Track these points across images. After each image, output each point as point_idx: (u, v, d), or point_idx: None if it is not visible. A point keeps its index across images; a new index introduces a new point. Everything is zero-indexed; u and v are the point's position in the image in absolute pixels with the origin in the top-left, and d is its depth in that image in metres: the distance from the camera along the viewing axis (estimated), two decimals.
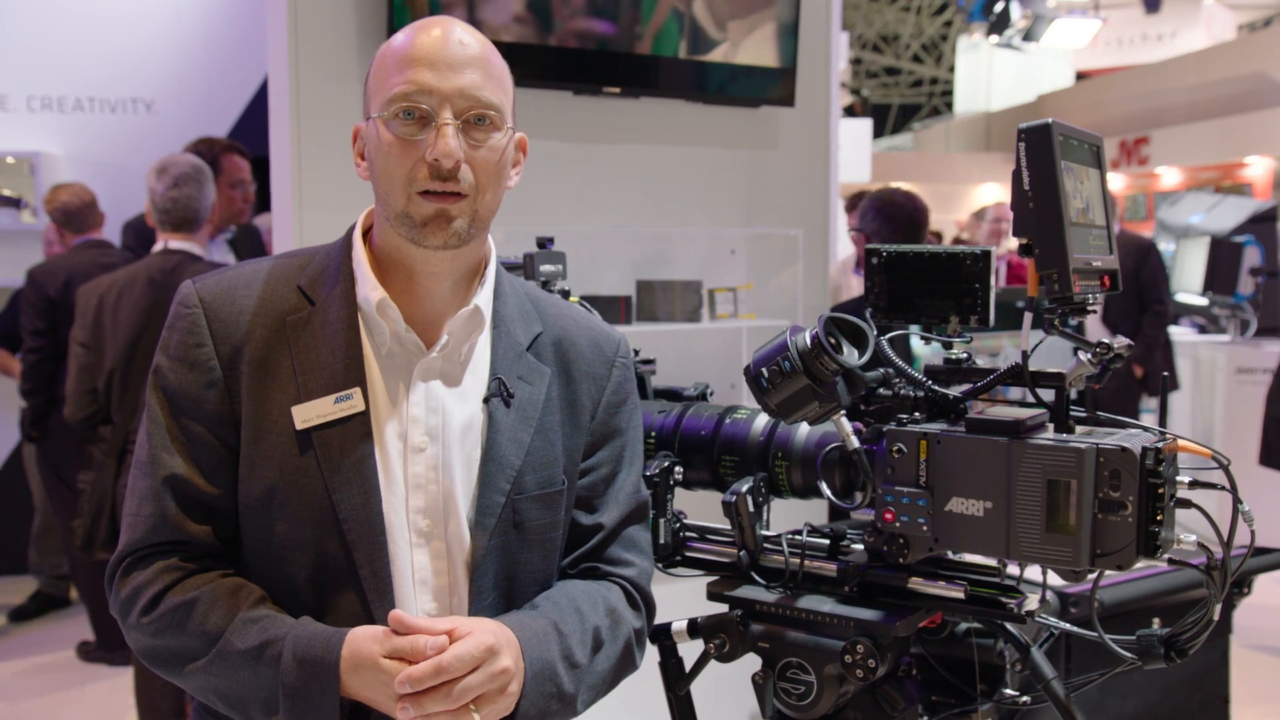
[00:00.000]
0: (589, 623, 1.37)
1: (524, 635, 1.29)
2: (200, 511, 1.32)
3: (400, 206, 1.29)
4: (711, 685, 1.81)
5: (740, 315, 3.27)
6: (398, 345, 1.35)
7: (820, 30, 3.49)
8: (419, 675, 1.18)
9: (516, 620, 1.31)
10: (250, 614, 1.27)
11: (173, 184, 3.32)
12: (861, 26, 21.24)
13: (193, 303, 1.34)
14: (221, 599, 1.28)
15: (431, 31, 1.30)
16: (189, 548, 1.32)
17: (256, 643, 1.25)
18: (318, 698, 1.22)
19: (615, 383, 1.48)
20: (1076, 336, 1.32)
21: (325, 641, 1.24)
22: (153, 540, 1.31)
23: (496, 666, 1.22)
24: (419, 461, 1.33)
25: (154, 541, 1.31)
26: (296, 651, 1.23)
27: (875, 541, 1.44)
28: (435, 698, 1.19)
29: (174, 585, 1.29)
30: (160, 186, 3.33)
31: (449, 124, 1.27)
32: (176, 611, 1.28)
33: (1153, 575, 2.42)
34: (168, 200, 3.33)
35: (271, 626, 1.26)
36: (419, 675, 1.18)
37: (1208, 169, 12.51)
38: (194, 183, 3.36)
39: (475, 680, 1.21)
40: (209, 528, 1.33)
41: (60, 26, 5.78)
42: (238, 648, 1.25)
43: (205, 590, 1.29)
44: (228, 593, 1.29)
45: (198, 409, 1.32)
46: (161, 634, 1.29)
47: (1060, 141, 1.28)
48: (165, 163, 3.38)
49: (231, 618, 1.27)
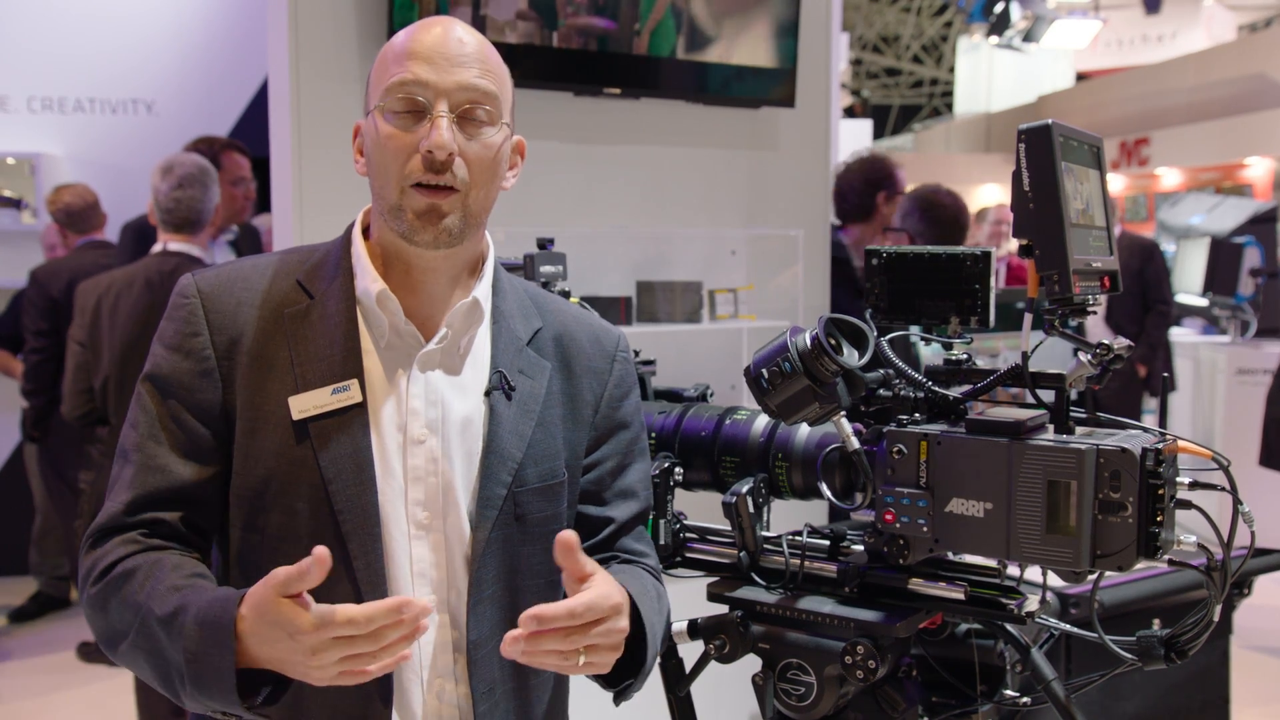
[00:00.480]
0: (650, 592, 1.39)
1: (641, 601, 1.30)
2: (177, 499, 1.30)
3: (393, 199, 1.30)
4: (712, 686, 1.81)
5: (740, 316, 3.27)
6: (396, 337, 1.35)
7: (820, 31, 3.49)
8: (550, 614, 1.13)
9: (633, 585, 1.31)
10: (175, 581, 1.22)
11: (178, 184, 3.31)
12: (862, 27, 21.23)
13: (191, 293, 1.34)
14: (161, 569, 1.23)
15: (432, 29, 1.32)
16: (156, 527, 1.29)
17: (171, 609, 1.19)
18: (214, 660, 1.14)
19: (617, 377, 1.48)
20: (1077, 337, 1.32)
21: (225, 600, 1.16)
22: (124, 520, 1.29)
23: (619, 624, 1.21)
24: (418, 454, 1.33)
25: (125, 522, 1.29)
26: (198, 615, 1.17)
27: (875, 542, 1.44)
28: (555, 637, 1.15)
29: (126, 557, 1.26)
30: (165, 186, 3.32)
31: (443, 116, 1.28)
32: (118, 580, 1.24)
33: (1153, 576, 2.42)
34: (171, 200, 3.32)
35: (190, 594, 1.19)
36: (550, 614, 1.13)
37: (1208, 170, 12.51)
38: (199, 184, 3.35)
39: (597, 631, 1.18)
40: (181, 514, 1.30)
41: (61, 27, 5.78)
42: (156, 614, 1.19)
43: (147, 559, 1.25)
44: (171, 565, 1.24)
45: (189, 397, 1.31)
46: (103, 605, 1.25)
47: (1060, 142, 1.28)
48: (171, 162, 3.37)
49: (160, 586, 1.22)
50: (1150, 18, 14.22)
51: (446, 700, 1.35)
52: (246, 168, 4.14)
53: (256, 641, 1.14)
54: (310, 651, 1.11)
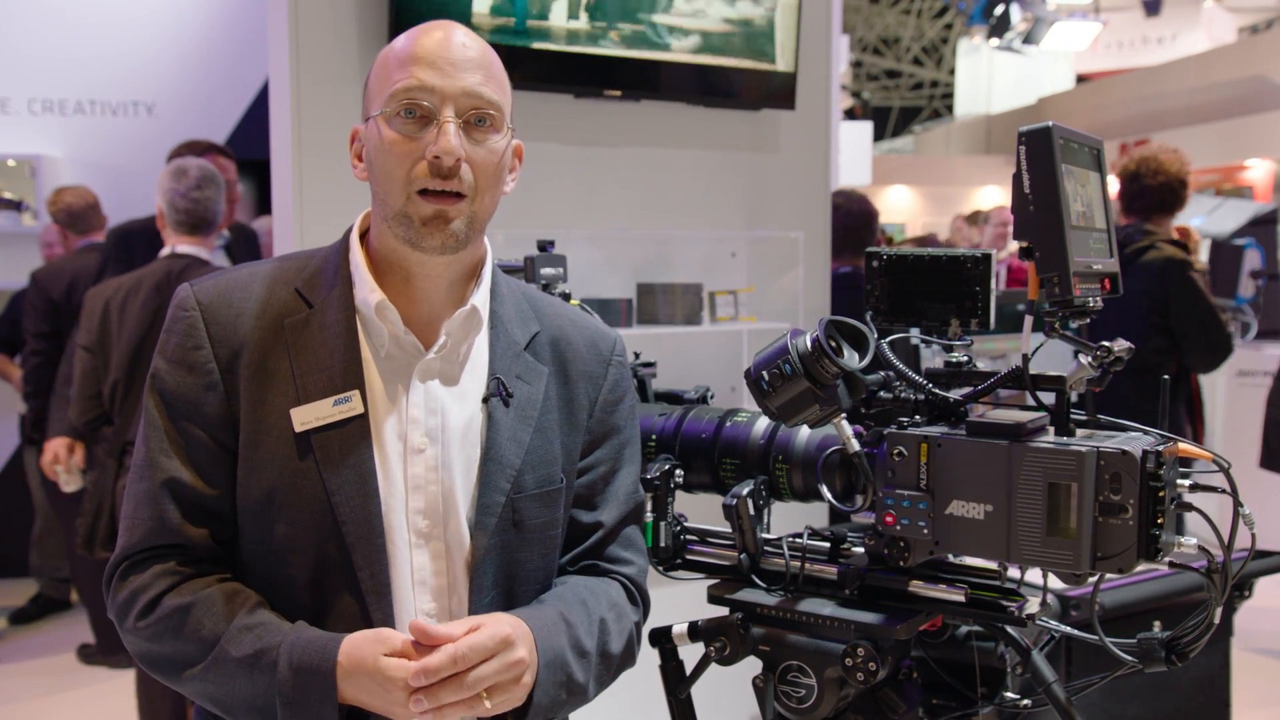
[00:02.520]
0: (594, 614, 1.38)
1: (536, 626, 1.29)
2: (198, 514, 1.32)
3: (399, 206, 1.30)
4: (712, 688, 1.81)
5: (741, 318, 3.27)
6: (396, 347, 1.35)
7: (821, 33, 3.49)
8: (435, 665, 1.18)
9: (527, 613, 1.32)
10: (246, 620, 1.27)
11: (195, 185, 3.31)
12: (862, 29, 21.24)
13: (190, 306, 1.34)
14: (218, 604, 1.28)
15: (434, 34, 1.32)
16: (186, 551, 1.32)
17: (251, 650, 1.24)
18: (315, 706, 1.21)
19: (612, 381, 1.48)
20: (1077, 339, 1.32)
21: (321, 649, 1.23)
22: (150, 543, 1.31)
23: (512, 657, 1.23)
24: (418, 462, 1.33)
25: (151, 545, 1.31)
26: (292, 660, 1.23)
27: (876, 544, 1.44)
28: (450, 687, 1.19)
29: (170, 589, 1.29)
30: (181, 187, 3.31)
31: (450, 122, 1.28)
32: (173, 616, 1.27)
33: (1153, 578, 2.41)
34: (189, 201, 3.31)
35: (266, 634, 1.26)
36: (435, 665, 1.18)
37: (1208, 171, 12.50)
38: (213, 186, 3.36)
39: (489, 669, 1.21)
40: (206, 530, 1.32)
41: (61, 30, 5.79)
42: (233, 655, 1.25)
43: (202, 595, 1.28)
44: (224, 598, 1.29)
45: (196, 411, 1.32)
46: (158, 639, 1.28)
47: (1060, 145, 1.28)
48: (184, 165, 3.36)
49: (228, 623, 1.26)
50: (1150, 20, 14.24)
51: None
52: (232, 170, 4.16)
53: (351, 687, 1.22)
54: (400, 705, 1.20)
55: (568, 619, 1.34)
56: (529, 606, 1.36)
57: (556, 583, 1.43)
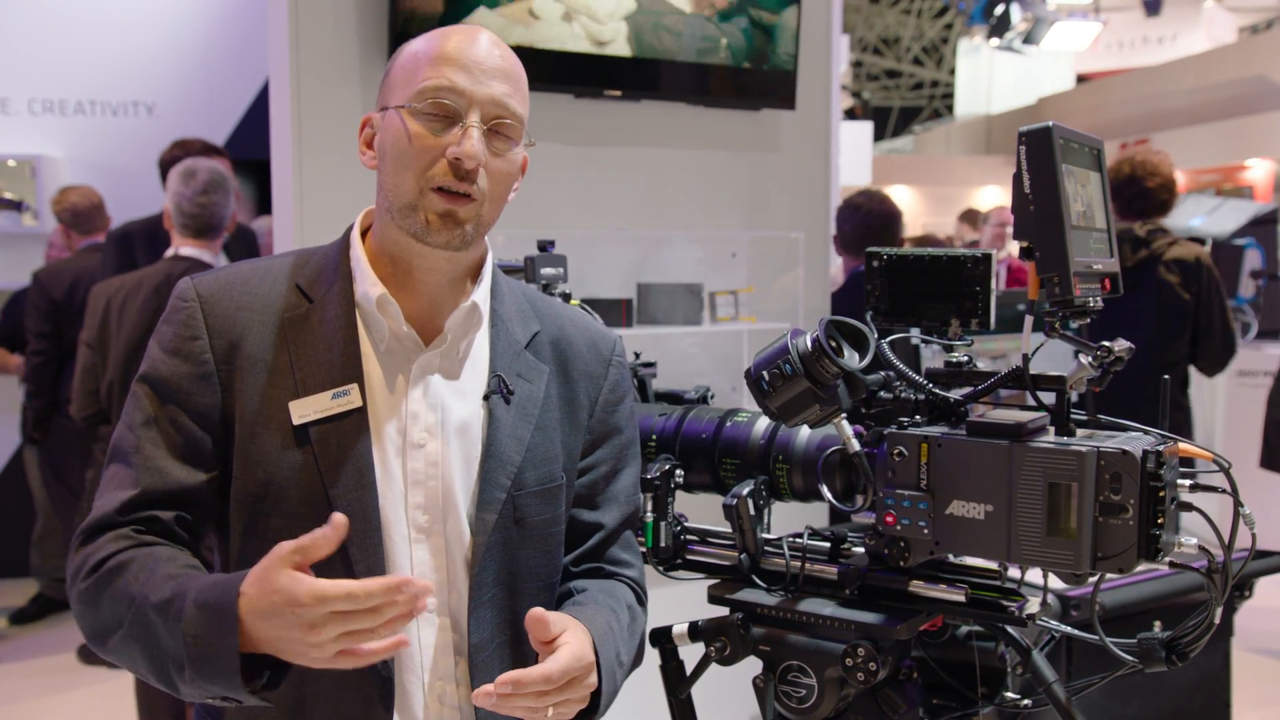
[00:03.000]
0: (622, 620, 1.39)
1: (598, 637, 1.29)
2: (172, 501, 1.30)
3: (410, 198, 1.29)
4: (712, 688, 1.81)
5: (741, 318, 3.27)
6: (396, 342, 1.35)
7: (821, 33, 3.49)
8: (528, 680, 1.15)
9: (588, 618, 1.31)
10: (169, 570, 1.21)
11: (203, 189, 3.31)
12: (862, 29, 21.24)
13: (190, 297, 1.34)
14: (155, 561, 1.22)
15: (468, 36, 1.33)
16: (150, 524, 1.28)
17: (167, 595, 1.17)
18: (217, 642, 1.12)
19: (612, 381, 1.49)
20: (1078, 339, 1.32)
21: (227, 580, 1.15)
22: (117, 518, 1.28)
23: (589, 681, 1.23)
24: (418, 458, 1.33)
25: (119, 520, 1.28)
26: (197, 598, 1.15)
27: (876, 544, 1.44)
28: (528, 698, 1.17)
29: (118, 552, 1.24)
30: (189, 190, 3.31)
31: (475, 127, 1.28)
32: (109, 573, 1.23)
33: (1154, 578, 2.41)
34: (197, 205, 3.31)
35: (186, 581, 1.18)
36: (528, 680, 1.15)
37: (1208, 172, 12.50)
38: (222, 190, 3.36)
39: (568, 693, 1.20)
40: (173, 514, 1.29)
41: (62, 30, 5.79)
42: (151, 602, 1.18)
43: (141, 553, 1.24)
44: (165, 557, 1.23)
45: (186, 400, 1.31)
46: (95, 599, 1.23)
47: (1061, 145, 1.28)
48: (192, 167, 3.35)
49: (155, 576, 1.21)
50: (1151, 20, 14.23)
51: (448, 703, 1.35)
52: (227, 169, 4.15)
53: (256, 618, 1.12)
54: (308, 626, 1.09)
55: (613, 628, 1.35)
56: (586, 609, 1.35)
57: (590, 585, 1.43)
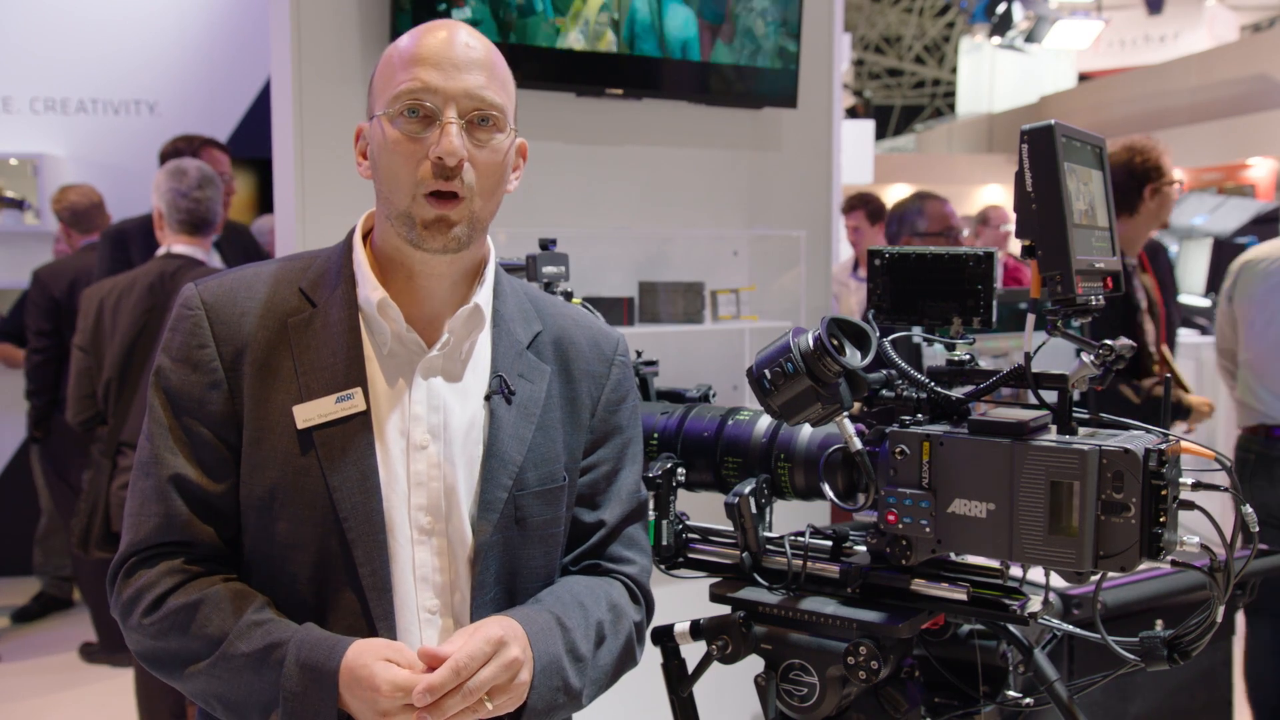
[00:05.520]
0: (592, 617, 1.38)
1: (530, 628, 1.30)
2: (204, 511, 1.33)
3: (404, 206, 1.30)
4: (714, 687, 1.81)
5: (743, 317, 3.27)
6: (399, 345, 1.36)
7: (823, 31, 3.49)
8: (438, 682, 1.19)
9: (521, 614, 1.32)
10: (255, 617, 1.28)
11: (196, 185, 3.30)
12: (864, 28, 21.22)
13: (195, 304, 1.35)
14: (226, 602, 1.29)
15: (438, 34, 1.32)
16: (192, 549, 1.33)
17: (261, 646, 1.26)
18: (316, 703, 1.23)
19: (614, 381, 1.49)
20: (1079, 338, 1.32)
21: (328, 649, 1.24)
22: (157, 540, 1.32)
23: (507, 656, 1.24)
24: (421, 459, 1.34)
25: (158, 541, 1.32)
26: (300, 656, 1.24)
27: (878, 543, 1.44)
28: (454, 698, 1.20)
29: (177, 587, 1.30)
30: (181, 188, 3.30)
31: (453, 123, 1.28)
32: (180, 613, 1.28)
33: (1156, 577, 2.41)
34: (190, 201, 3.30)
35: (276, 630, 1.27)
36: (438, 682, 1.19)
37: (1210, 170, 12.49)
38: (213, 186, 3.35)
39: (488, 673, 1.22)
40: (212, 528, 1.33)
41: (63, 29, 5.79)
42: (242, 651, 1.26)
43: (209, 592, 1.29)
44: (232, 596, 1.30)
45: (200, 409, 1.32)
46: (163, 636, 1.29)
47: (1063, 143, 1.28)
48: (183, 165, 3.35)
49: (236, 621, 1.27)
50: (1152, 18, 14.22)
51: None
52: (226, 163, 4.14)
53: (347, 695, 1.22)
54: (381, 714, 1.20)
55: (564, 623, 1.34)
56: (522, 606, 1.36)
57: (558, 583, 1.44)
